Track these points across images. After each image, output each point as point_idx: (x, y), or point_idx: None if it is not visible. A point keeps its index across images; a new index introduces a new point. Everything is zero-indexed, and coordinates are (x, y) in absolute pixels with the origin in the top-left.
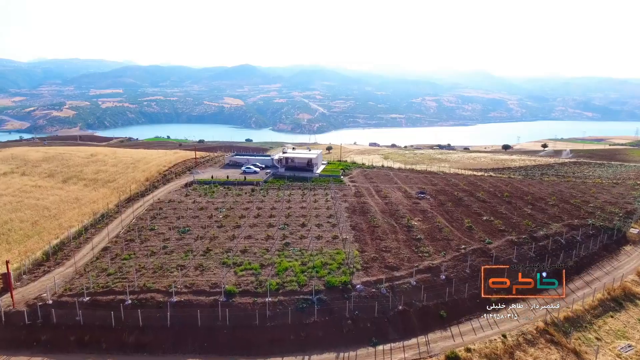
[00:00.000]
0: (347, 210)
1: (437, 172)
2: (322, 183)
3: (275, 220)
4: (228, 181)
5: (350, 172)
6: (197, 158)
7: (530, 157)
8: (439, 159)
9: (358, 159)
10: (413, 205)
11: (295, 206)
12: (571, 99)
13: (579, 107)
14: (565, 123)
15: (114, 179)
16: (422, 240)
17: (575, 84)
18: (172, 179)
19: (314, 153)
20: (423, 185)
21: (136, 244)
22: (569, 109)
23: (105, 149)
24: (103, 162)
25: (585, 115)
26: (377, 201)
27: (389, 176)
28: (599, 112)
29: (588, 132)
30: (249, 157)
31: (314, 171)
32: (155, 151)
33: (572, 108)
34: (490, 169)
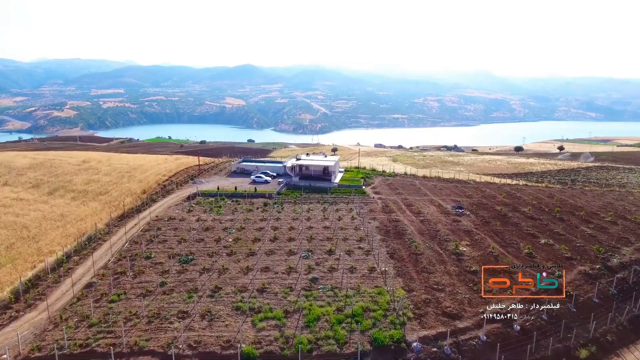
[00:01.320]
0: (378, 231)
1: (466, 180)
2: (343, 195)
3: (296, 245)
4: (236, 193)
5: (372, 181)
6: (201, 165)
7: (550, 161)
8: (451, 162)
9: (365, 161)
10: (453, 223)
11: (317, 225)
12: (574, 99)
13: (582, 107)
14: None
15: (107, 190)
16: (478, 273)
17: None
18: (172, 190)
19: (331, 160)
20: (457, 198)
21: (127, 279)
22: (572, 109)
23: (100, 154)
24: (95, 170)
25: (589, 116)
26: (411, 219)
27: (415, 186)
28: (602, 113)
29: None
30: (258, 164)
31: (331, 180)
32: (154, 157)
33: (575, 108)
34: (511, 174)
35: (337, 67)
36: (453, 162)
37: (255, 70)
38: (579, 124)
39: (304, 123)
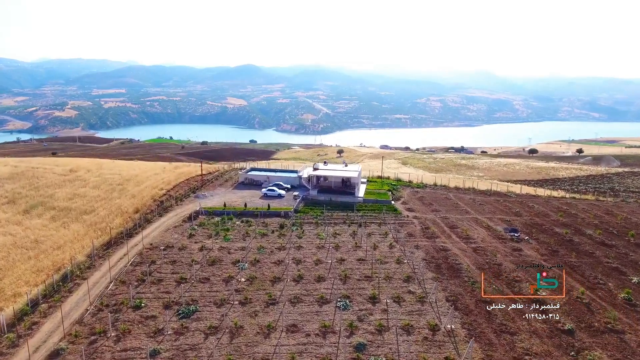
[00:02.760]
0: (427, 265)
1: (506, 193)
2: (372, 212)
3: (328, 287)
4: (246, 211)
5: (400, 194)
6: (204, 175)
7: (572, 165)
8: (465, 166)
9: (373, 164)
10: (514, 253)
11: (349, 257)
12: (577, 99)
13: (584, 107)
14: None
15: (93, 208)
16: (574, 333)
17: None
18: (171, 206)
19: (353, 170)
20: (504, 216)
21: (108, 344)
22: (575, 110)
23: (90, 161)
24: (83, 181)
25: (592, 116)
26: (461, 246)
27: (451, 200)
28: (605, 113)
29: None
30: (269, 174)
31: (355, 194)
32: (151, 165)
33: (578, 108)
34: (538, 180)
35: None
36: (467, 166)
37: (256, 70)
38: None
39: (306, 123)
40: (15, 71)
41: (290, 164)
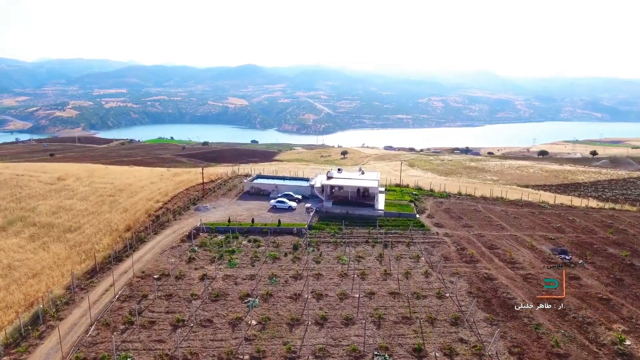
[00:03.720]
0: (473, 299)
1: (539, 203)
2: (396, 228)
3: (359, 333)
4: (254, 228)
5: (423, 205)
6: (205, 183)
7: (590, 168)
8: (476, 169)
9: (379, 165)
10: (571, 282)
11: (380, 289)
12: (579, 99)
13: (587, 107)
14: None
15: (79, 225)
16: None
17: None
18: (168, 222)
19: (371, 179)
20: (545, 233)
21: None
22: (577, 110)
23: (80, 168)
24: (71, 191)
25: (595, 116)
26: (507, 273)
27: (480, 212)
28: (608, 113)
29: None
30: (277, 182)
31: (374, 206)
32: (148, 172)
33: (581, 109)
34: (557, 185)
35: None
36: (478, 169)
37: (257, 70)
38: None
39: (308, 123)
40: (17, 71)
41: (294, 166)
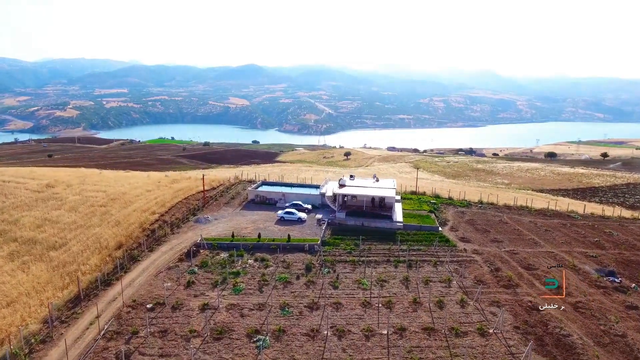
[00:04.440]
0: (524, 339)
1: (568, 214)
2: (418, 244)
3: None
4: (261, 243)
5: (444, 216)
6: (207, 190)
7: (604, 172)
8: (484, 171)
9: (384, 167)
10: (629, 312)
11: (411, 323)
12: (581, 99)
13: (589, 108)
14: (578, 124)
15: (65, 240)
16: None
17: (583, 84)
18: (165, 236)
19: (388, 187)
20: (583, 248)
21: None
22: (579, 110)
23: (72, 173)
24: (59, 200)
25: (597, 117)
26: (553, 300)
27: (507, 224)
28: (610, 114)
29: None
30: (284, 190)
31: (392, 217)
32: (145, 179)
33: (583, 109)
34: (572, 189)
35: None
36: (486, 171)
37: (259, 70)
38: (588, 125)
39: (309, 123)
40: (18, 71)
41: (297, 168)
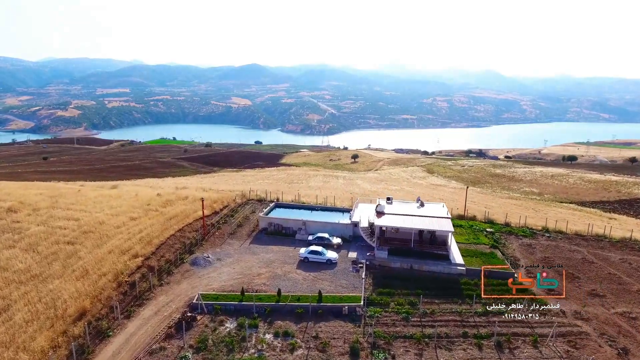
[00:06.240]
0: None
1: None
2: (497, 303)
3: None
4: (281, 305)
5: (509, 252)
6: (207, 216)
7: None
8: (505, 177)
9: (395, 172)
10: None
11: None
12: (585, 99)
13: (594, 108)
14: (582, 125)
15: (8, 303)
16: None
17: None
18: (149, 291)
19: (438, 213)
20: None
21: None
22: (584, 110)
23: (45, 191)
24: (17, 233)
25: (602, 117)
26: None
27: (593, 264)
28: (615, 114)
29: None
30: (305, 218)
31: (449, 257)
32: (132, 198)
33: (587, 109)
34: (616, 201)
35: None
36: (507, 177)
37: (261, 69)
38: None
39: (312, 124)
40: (21, 70)
41: (303, 172)
